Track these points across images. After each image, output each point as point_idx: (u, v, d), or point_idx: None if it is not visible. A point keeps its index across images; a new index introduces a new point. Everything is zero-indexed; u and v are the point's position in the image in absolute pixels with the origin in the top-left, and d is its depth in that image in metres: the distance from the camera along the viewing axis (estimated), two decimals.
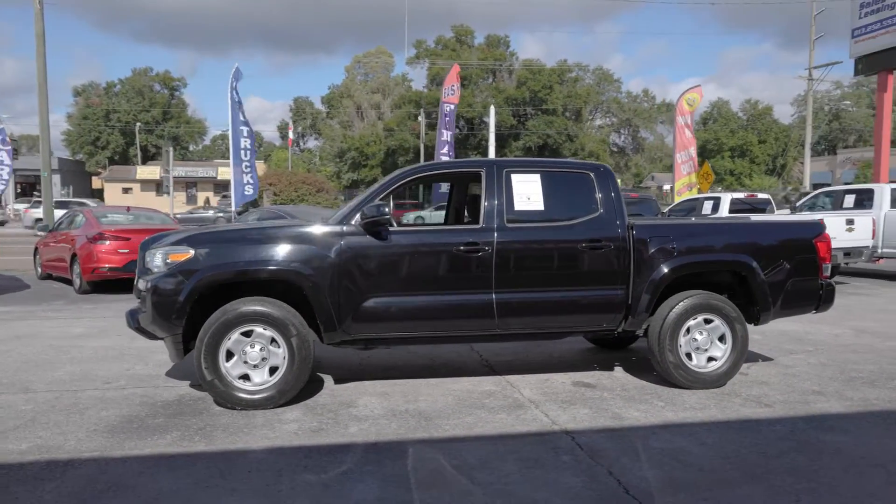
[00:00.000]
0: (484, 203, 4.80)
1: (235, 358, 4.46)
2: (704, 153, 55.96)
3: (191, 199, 58.08)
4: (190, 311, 4.42)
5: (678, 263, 4.89)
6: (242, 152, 16.33)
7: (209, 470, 3.46)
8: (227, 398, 4.42)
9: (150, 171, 56.75)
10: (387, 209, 4.46)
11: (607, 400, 4.73)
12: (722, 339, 5.00)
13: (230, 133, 15.33)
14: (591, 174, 5.02)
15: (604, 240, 4.83)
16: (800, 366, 5.74)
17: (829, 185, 55.70)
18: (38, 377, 5.34)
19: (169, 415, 4.37)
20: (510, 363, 5.86)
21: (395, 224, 4.68)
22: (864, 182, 47.59)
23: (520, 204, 4.82)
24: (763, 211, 15.07)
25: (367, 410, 4.48)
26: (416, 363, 5.85)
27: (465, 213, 5.95)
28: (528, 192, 4.85)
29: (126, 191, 55.51)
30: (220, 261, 4.45)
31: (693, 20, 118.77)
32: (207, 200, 54.26)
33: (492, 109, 54.38)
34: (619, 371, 5.60)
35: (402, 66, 67.99)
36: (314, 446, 3.81)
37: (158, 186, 56.25)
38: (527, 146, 56.72)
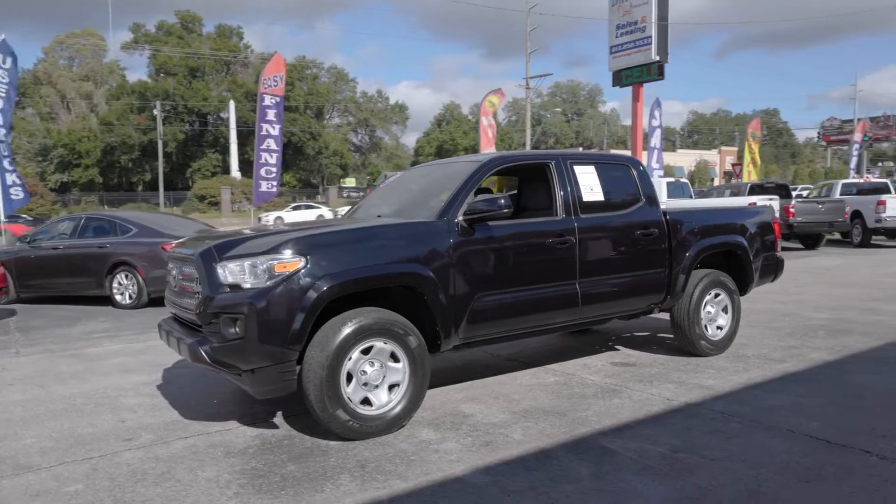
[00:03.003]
0: (559, 194, 4.85)
1: (354, 381, 3.86)
2: (442, 153, 60.23)
3: None
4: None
5: (703, 245, 5.52)
6: (2, 146, 13.22)
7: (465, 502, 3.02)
8: (349, 429, 3.79)
9: None
10: (503, 201, 4.24)
11: (669, 374, 5.15)
12: (725, 309, 5.78)
13: None
14: (630, 166, 5.38)
15: (651, 225, 5.24)
16: (742, 329, 6.83)
17: None
18: (3, 451, 3.90)
19: (291, 460, 3.62)
20: (523, 354, 5.95)
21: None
22: None
23: (586, 195, 4.97)
24: None
25: (490, 417, 4.24)
26: (442, 365, 5.61)
27: None
28: (589, 183, 5.02)
29: None
30: (342, 267, 3.79)
31: (404, 25, 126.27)
32: None
33: (231, 104, 51.77)
34: (624, 349, 6.08)
35: (117, 52, 59.81)
36: (518, 458, 3.54)
37: None
38: None
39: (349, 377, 3.84)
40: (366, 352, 3.89)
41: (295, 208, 42.59)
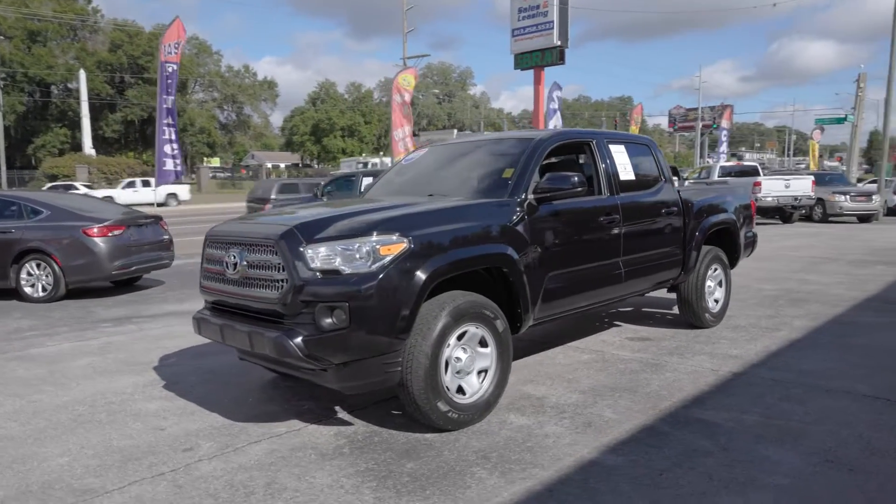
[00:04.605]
0: (603, 172, 4.85)
1: (450, 368, 3.64)
2: (318, 132, 58.45)
3: None
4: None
5: (709, 223, 5.78)
6: None
7: (634, 489, 2.96)
8: (449, 420, 3.58)
9: None
10: (576, 179, 4.16)
11: (690, 346, 5.37)
12: (720, 283, 6.12)
13: None
14: (649, 146, 5.50)
15: (672, 204, 5.40)
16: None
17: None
18: (41, 475, 3.28)
19: (401, 457, 3.35)
20: (532, 334, 5.92)
21: None
22: None
23: (622, 174, 5.01)
24: None
25: (563, 397, 4.20)
26: None
27: None
28: (623, 162, 5.07)
29: None
30: (444, 249, 3.53)
31: None
32: None
33: (81, 74, 46.92)
34: (626, 325, 6.26)
35: None
36: (631, 437, 3.53)
37: None
38: (128, 119, 50.40)
39: (445, 365, 3.61)
40: (459, 338, 3.68)
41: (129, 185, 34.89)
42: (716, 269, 6.02)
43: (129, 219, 8.90)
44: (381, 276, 3.30)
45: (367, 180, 12.77)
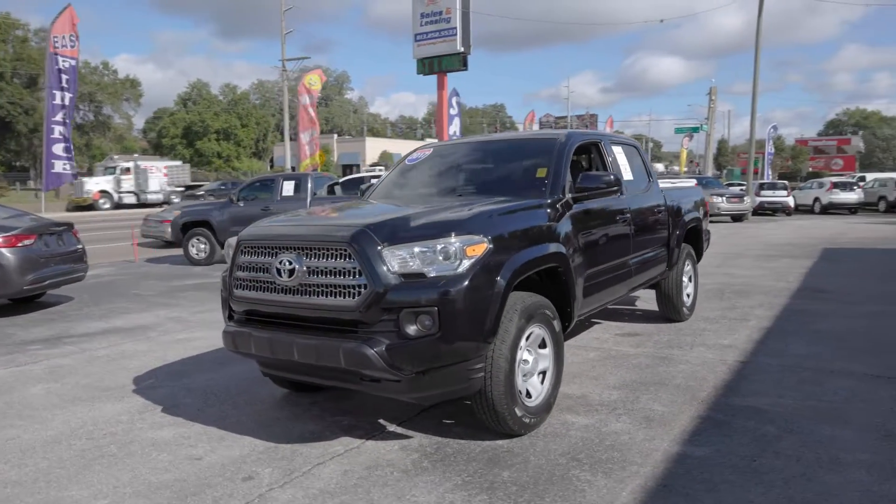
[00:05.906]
0: (613, 172, 4.93)
1: (520, 372, 3.53)
2: (190, 135, 55.10)
3: None
4: None
5: (685, 221, 6.07)
6: None
7: (738, 478, 3.01)
8: (522, 424, 3.48)
9: None
10: (612, 177, 4.19)
11: (681, 339, 5.60)
12: (690, 278, 6.45)
13: None
14: (637, 148, 5.68)
15: (661, 204, 5.62)
16: None
17: (293, 168, 62.67)
18: None
19: (490, 467, 3.20)
20: None
21: None
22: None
23: (624, 174, 5.14)
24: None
25: (603, 395, 4.22)
26: None
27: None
28: (623, 163, 5.20)
29: None
30: (517, 249, 3.42)
31: None
32: None
33: None
34: (607, 323, 6.42)
35: None
36: (697, 428, 3.60)
37: None
38: None
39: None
40: (526, 339, 3.58)
41: None
42: (688, 265, 6.33)
43: (40, 226, 7.88)
44: (468, 278, 3.13)
45: (287, 185, 12.17)
